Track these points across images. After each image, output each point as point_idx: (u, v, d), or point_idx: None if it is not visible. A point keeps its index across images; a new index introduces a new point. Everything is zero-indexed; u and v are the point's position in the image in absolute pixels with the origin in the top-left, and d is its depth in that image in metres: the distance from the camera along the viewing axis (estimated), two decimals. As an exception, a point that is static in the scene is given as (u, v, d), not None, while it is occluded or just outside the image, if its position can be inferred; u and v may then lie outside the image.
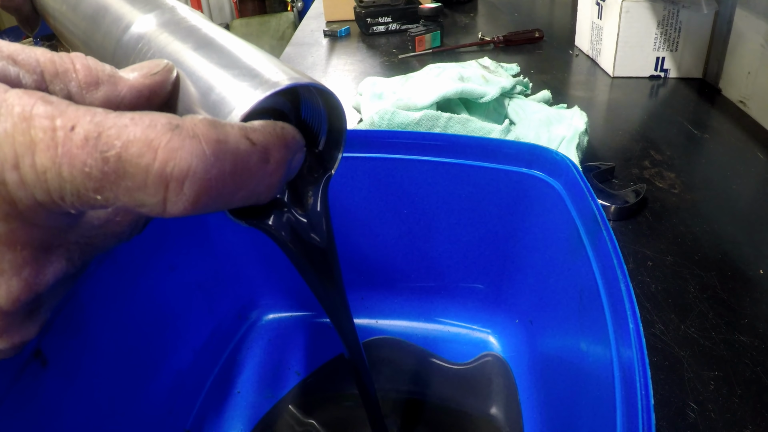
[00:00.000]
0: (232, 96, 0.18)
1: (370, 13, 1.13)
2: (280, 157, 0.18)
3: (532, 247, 0.40)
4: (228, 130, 0.16)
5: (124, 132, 0.15)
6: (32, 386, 0.27)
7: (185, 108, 0.19)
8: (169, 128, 0.15)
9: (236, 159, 0.16)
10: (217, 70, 0.19)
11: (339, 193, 0.42)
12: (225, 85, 0.19)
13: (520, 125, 0.62)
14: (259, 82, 0.19)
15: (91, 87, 0.18)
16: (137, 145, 0.15)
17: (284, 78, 0.19)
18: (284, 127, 0.18)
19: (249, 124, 0.17)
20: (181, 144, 0.15)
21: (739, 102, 0.76)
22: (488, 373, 0.41)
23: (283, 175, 0.18)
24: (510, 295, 0.44)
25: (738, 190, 0.59)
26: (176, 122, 0.15)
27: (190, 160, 0.15)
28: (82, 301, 0.31)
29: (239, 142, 0.16)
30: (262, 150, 0.17)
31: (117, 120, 0.15)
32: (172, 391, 0.40)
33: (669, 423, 0.35)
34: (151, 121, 0.15)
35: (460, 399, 0.40)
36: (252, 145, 0.17)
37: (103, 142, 0.15)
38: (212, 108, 0.19)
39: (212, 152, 0.16)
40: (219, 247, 0.44)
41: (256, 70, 0.19)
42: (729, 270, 0.47)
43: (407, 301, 0.47)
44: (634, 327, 0.23)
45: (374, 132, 0.40)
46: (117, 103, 0.18)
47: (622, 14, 0.83)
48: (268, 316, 0.48)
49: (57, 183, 0.15)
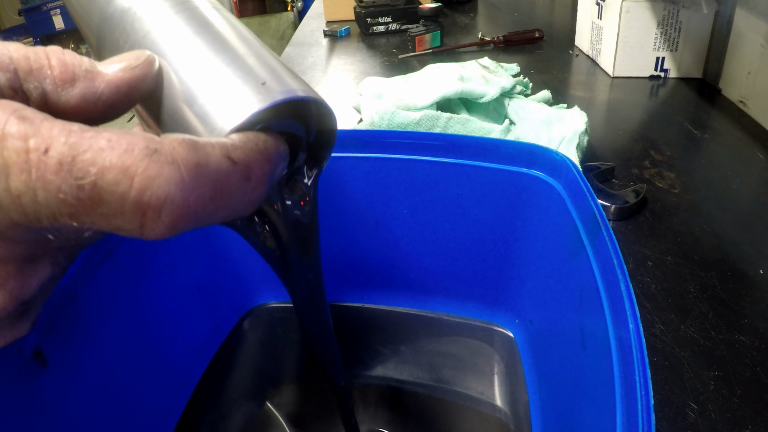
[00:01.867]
0: (220, 108, 0.17)
1: (370, 13, 1.13)
2: (262, 173, 0.17)
3: (531, 247, 0.40)
4: (209, 151, 0.16)
5: (100, 157, 0.14)
6: (32, 386, 0.27)
7: (169, 107, 0.19)
8: (147, 154, 0.14)
9: (216, 181, 0.16)
10: (207, 68, 0.18)
11: (339, 194, 0.42)
12: (213, 92, 0.18)
13: (520, 125, 0.62)
14: (251, 93, 0.18)
15: (67, 84, 0.17)
16: (113, 173, 0.14)
17: (278, 92, 0.18)
18: (267, 140, 0.18)
19: (230, 141, 0.17)
20: (159, 171, 0.14)
21: (739, 102, 0.76)
22: (492, 354, 0.41)
23: (265, 190, 0.18)
24: (510, 295, 0.44)
25: (738, 190, 0.59)
26: (154, 146, 0.15)
27: (168, 189, 0.15)
28: (82, 301, 0.31)
29: (220, 163, 0.16)
30: (244, 168, 0.17)
31: (93, 142, 0.14)
32: (172, 391, 0.40)
33: (669, 423, 0.35)
34: (128, 145, 0.14)
35: (462, 383, 0.40)
36: (233, 164, 0.16)
37: (77, 168, 0.14)
38: (198, 115, 0.18)
39: (191, 178, 0.15)
40: (219, 247, 0.44)
41: (248, 76, 0.18)
42: (729, 270, 0.47)
43: (407, 301, 0.47)
44: (634, 327, 0.23)
45: (374, 132, 0.40)
46: (95, 100, 0.17)
47: (622, 14, 0.83)
48: (269, 316, 0.48)
49: (32, 207, 0.14)
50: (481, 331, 0.44)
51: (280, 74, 0.19)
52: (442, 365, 0.42)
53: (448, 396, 0.40)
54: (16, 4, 3.58)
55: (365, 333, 0.45)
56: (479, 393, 0.40)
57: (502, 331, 0.44)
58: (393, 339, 0.45)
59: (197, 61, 0.19)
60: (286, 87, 0.18)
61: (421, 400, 0.40)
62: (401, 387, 0.41)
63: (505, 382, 0.40)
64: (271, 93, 0.18)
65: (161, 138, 0.15)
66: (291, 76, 0.19)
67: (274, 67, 0.19)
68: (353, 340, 0.45)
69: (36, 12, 3.34)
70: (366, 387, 0.41)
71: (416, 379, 0.41)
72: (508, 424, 0.38)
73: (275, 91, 0.18)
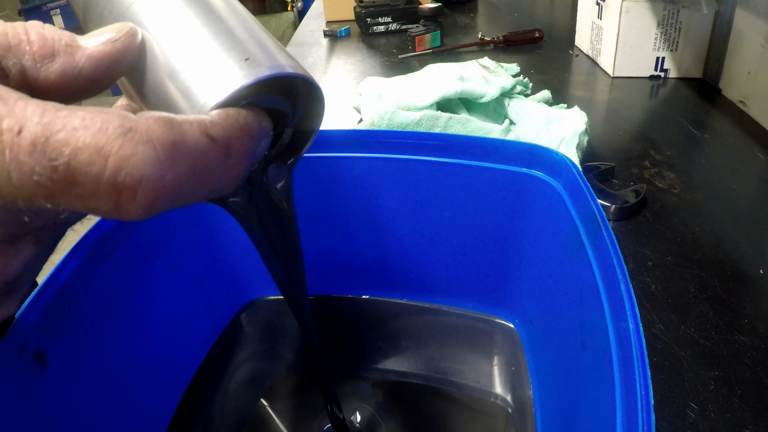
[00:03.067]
0: (202, 83, 0.17)
1: (370, 13, 1.13)
2: (243, 150, 0.17)
3: (532, 247, 0.40)
4: (186, 129, 0.15)
5: (73, 137, 0.14)
6: (32, 386, 0.27)
7: (152, 81, 0.18)
8: (121, 133, 0.14)
9: (194, 159, 0.15)
10: (190, 41, 0.18)
11: (339, 193, 0.42)
12: (196, 67, 0.17)
13: (520, 125, 0.62)
14: (235, 68, 0.17)
15: (46, 59, 0.17)
16: (87, 153, 0.14)
17: (265, 67, 0.17)
18: (248, 116, 0.17)
19: (210, 118, 0.16)
20: (133, 151, 0.14)
21: (739, 102, 0.76)
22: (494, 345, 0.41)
23: (246, 167, 0.18)
24: (510, 296, 0.44)
25: (738, 190, 0.59)
26: (129, 124, 0.14)
27: (143, 168, 0.14)
28: (82, 301, 0.31)
29: (198, 141, 0.16)
30: (224, 145, 0.16)
31: (66, 121, 0.14)
32: (172, 391, 0.40)
33: (669, 423, 0.35)
34: (102, 123, 0.14)
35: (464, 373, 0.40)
36: (212, 141, 0.16)
37: (51, 148, 0.14)
38: (180, 90, 0.17)
39: (167, 157, 0.15)
40: (219, 247, 0.44)
41: (233, 50, 0.18)
42: (729, 270, 0.47)
43: (407, 301, 0.47)
44: (634, 327, 0.23)
45: (374, 132, 0.40)
46: (75, 75, 0.17)
47: (622, 14, 0.83)
48: (266, 310, 0.48)
49: (7, 190, 0.14)
50: (482, 323, 0.45)
51: (267, 48, 0.18)
52: (442, 357, 0.42)
53: (447, 387, 0.40)
54: (16, 4, 3.58)
55: (365, 324, 0.45)
56: (477, 383, 0.40)
57: (502, 323, 0.44)
58: (392, 330, 0.45)
59: (181, 34, 0.18)
60: (273, 62, 0.18)
61: (420, 391, 0.40)
62: (400, 378, 0.41)
63: (505, 374, 0.40)
64: (256, 68, 0.17)
65: (137, 116, 0.15)
66: (279, 51, 0.19)
67: (262, 40, 0.19)
68: (353, 331, 0.45)
69: (36, 12, 3.34)
70: (365, 378, 0.41)
71: (415, 370, 0.41)
72: (511, 420, 0.38)
73: (261, 66, 0.17)
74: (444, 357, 0.43)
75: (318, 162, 0.41)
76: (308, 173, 0.42)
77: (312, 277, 0.47)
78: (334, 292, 0.48)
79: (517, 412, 0.38)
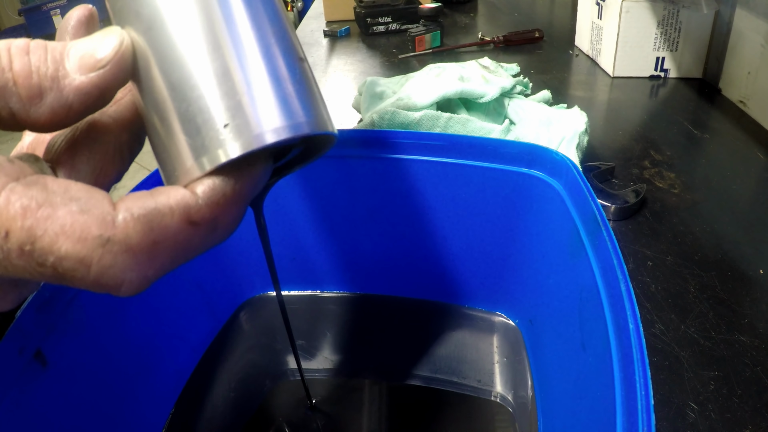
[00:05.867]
0: (192, 146, 0.16)
1: (370, 13, 1.13)
2: (231, 220, 0.17)
3: (532, 246, 0.40)
4: (167, 224, 0.15)
5: (56, 246, 0.14)
6: (32, 386, 0.27)
7: (148, 108, 0.17)
8: (100, 243, 0.15)
9: (176, 250, 0.16)
10: (188, 78, 0.16)
11: (339, 193, 0.42)
12: (188, 122, 0.16)
13: (520, 125, 0.62)
14: (230, 135, 0.16)
15: (35, 100, 0.16)
16: (70, 262, 0.15)
17: (260, 136, 0.16)
18: (240, 181, 0.17)
19: (194, 201, 0.16)
20: (113, 261, 0.15)
21: (739, 102, 0.76)
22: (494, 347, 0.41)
23: (237, 225, 0.18)
24: (510, 295, 0.44)
25: (738, 190, 0.59)
26: (108, 234, 0.15)
27: (123, 276, 0.15)
28: (82, 301, 0.31)
29: (180, 231, 0.16)
30: (208, 226, 0.16)
31: (48, 225, 0.14)
32: (172, 391, 0.40)
33: (669, 423, 0.35)
34: (81, 232, 0.14)
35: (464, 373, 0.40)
36: (196, 227, 0.16)
37: (37, 254, 0.14)
38: (167, 142, 0.16)
39: (147, 258, 0.15)
40: (219, 247, 0.44)
41: (235, 108, 0.16)
42: (729, 270, 0.47)
43: (406, 301, 0.47)
44: (634, 327, 0.23)
45: (374, 132, 0.40)
46: (65, 111, 0.16)
47: (622, 14, 0.83)
48: (268, 314, 0.48)
49: (5, 274, 0.15)
50: (483, 322, 0.45)
51: (286, 97, 0.17)
52: (442, 355, 0.42)
53: (447, 385, 0.40)
54: (16, 4, 3.58)
55: (364, 322, 0.45)
56: (478, 382, 0.40)
57: (504, 322, 0.44)
58: (392, 329, 0.45)
59: (180, 62, 0.16)
60: (275, 125, 0.16)
61: (421, 390, 0.40)
62: (400, 377, 0.41)
63: (506, 373, 0.40)
64: (252, 137, 0.16)
65: (116, 217, 0.15)
66: (299, 96, 0.17)
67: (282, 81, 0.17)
68: (352, 329, 0.45)
69: (36, 12, 3.34)
70: (365, 376, 0.41)
71: (416, 369, 0.41)
72: (512, 420, 0.38)
73: (259, 134, 0.16)
74: (445, 356, 0.43)
75: (318, 162, 0.41)
76: (308, 173, 0.42)
77: (312, 276, 0.48)
78: (334, 291, 0.48)
79: (518, 411, 0.38)
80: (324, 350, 0.44)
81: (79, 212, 0.15)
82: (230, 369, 0.43)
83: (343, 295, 0.48)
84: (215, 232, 0.17)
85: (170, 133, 0.16)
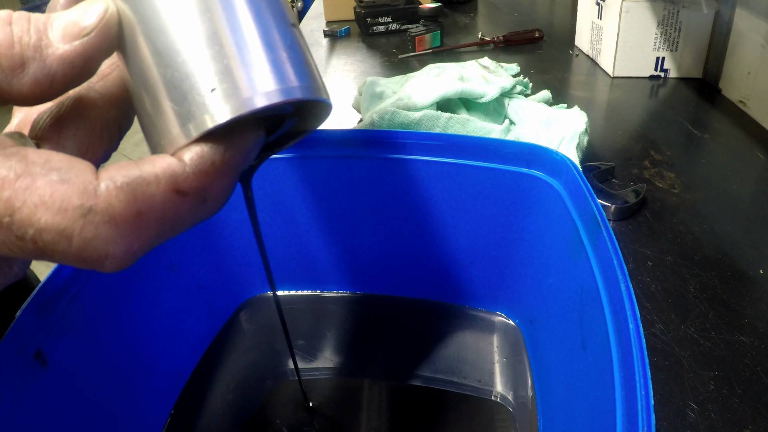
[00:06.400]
0: (181, 110, 0.15)
1: (370, 13, 1.13)
2: (220, 191, 0.16)
3: (532, 246, 0.40)
4: (152, 193, 0.15)
5: (35, 217, 0.14)
6: (32, 386, 0.27)
7: (135, 76, 0.16)
8: (81, 214, 0.14)
9: (163, 221, 0.15)
10: (176, 43, 0.16)
11: (339, 193, 0.42)
12: (176, 85, 0.16)
13: (520, 125, 0.62)
14: (219, 98, 0.15)
15: (17, 71, 0.15)
16: (50, 234, 0.14)
17: (267, 93, 0.15)
18: (230, 147, 0.16)
19: (181, 169, 0.15)
20: (95, 233, 0.14)
21: (739, 102, 0.76)
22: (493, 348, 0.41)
23: (228, 197, 0.17)
24: (510, 295, 0.44)
25: (738, 190, 0.59)
26: (89, 203, 0.14)
27: (106, 248, 0.14)
28: (82, 301, 0.31)
29: (166, 201, 0.15)
30: (197, 195, 0.16)
31: (27, 196, 0.14)
32: (172, 391, 0.40)
33: (669, 423, 0.35)
34: (61, 202, 0.14)
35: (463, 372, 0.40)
36: (184, 196, 0.15)
37: (16, 227, 0.14)
38: (155, 108, 0.16)
39: (131, 230, 0.15)
40: (219, 247, 0.44)
41: (223, 71, 0.15)
42: (729, 270, 0.47)
43: (406, 301, 0.47)
44: (634, 327, 0.23)
45: (374, 132, 0.40)
46: (49, 82, 0.16)
47: (622, 14, 0.83)
48: (268, 314, 0.48)
49: None
50: (483, 322, 0.45)
51: (278, 60, 0.16)
52: (443, 355, 0.42)
53: (448, 385, 0.40)
54: (16, 5, 3.58)
55: (364, 323, 0.45)
56: (478, 382, 0.40)
57: (504, 322, 0.44)
58: (392, 328, 0.45)
59: (165, 27, 0.16)
60: (278, 84, 0.16)
61: (421, 390, 0.40)
62: (400, 377, 0.41)
63: (506, 373, 0.40)
64: (241, 102, 0.15)
65: (98, 186, 0.14)
66: (290, 60, 0.17)
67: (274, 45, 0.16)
68: (352, 329, 0.45)
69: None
70: (365, 376, 0.41)
71: (416, 369, 0.41)
72: (512, 419, 0.38)
73: (248, 98, 0.15)
74: (445, 356, 0.43)
75: (318, 162, 0.41)
76: (308, 173, 0.42)
77: (312, 276, 0.48)
78: (334, 290, 0.48)
79: (518, 411, 0.38)
80: (324, 350, 0.44)
81: (59, 182, 0.14)
82: (230, 369, 0.43)
83: (344, 295, 0.48)
84: (204, 203, 0.16)
85: (156, 102, 0.16)
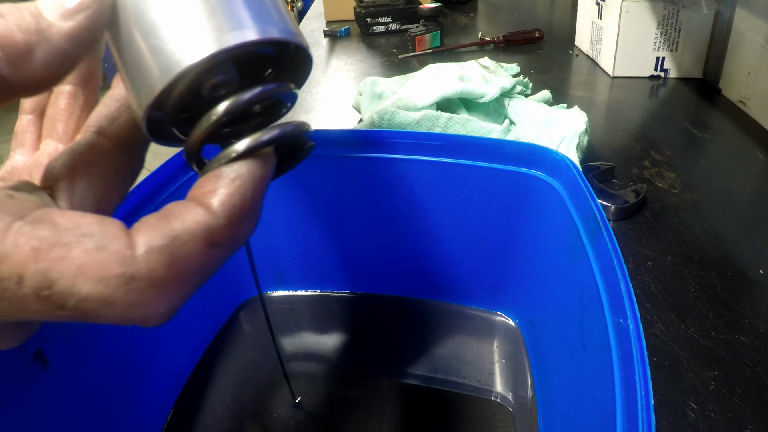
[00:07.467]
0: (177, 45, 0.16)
1: (370, 13, 1.13)
2: (251, 229, 0.16)
3: (532, 247, 0.40)
4: (190, 251, 0.15)
5: (75, 288, 0.13)
6: (32, 386, 0.27)
7: (125, 33, 0.16)
8: (124, 282, 0.14)
9: (201, 272, 0.15)
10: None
11: (339, 193, 0.42)
12: (168, 26, 0.16)
13: (520, 125, 0.62)
14: (209, 31, 0.16)
15: (24, 59, 0.15)
16: (92, 302, 0.14)
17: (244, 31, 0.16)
18: (253, 194, 0.16)
19: (215, 221, 0.15)
20: (139, 299, 0.14)
21: (739, 102, 0.76)
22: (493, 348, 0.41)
23: (252, 232, 0.17)
24: (510, 295, 0.44)
25: (738, 190, 0.59)
26: (131, 271, 0.14)
27: (151, 311, 0.14)
28: (82, 301, 0.31)
29: (203, 255, 0.15)
30: (230, 244, 0.16)
31: (64, 267, 0.13)
32: (172, 391, 0.40)
33: (669, 423, 0.35)
34: (102, 272, 0.14)
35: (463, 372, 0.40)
36: (219, 247, 0.15)
37: (56, 298, 0.13)
38: (152, 49, 0.16)
39: (175, 289, 0.15)
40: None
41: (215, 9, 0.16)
42: (729, 270, 0.47)
43: (407, 301, 0.47)
44: (634, 327, 0.23)
45: (374, 132, 0.40)
46: (59, 62, 0.15)
47: (622, 14, 0.83)
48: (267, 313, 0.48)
49: (19, 317, 0.14)
50: (483, 322, 0.45)
51: (259, 6, 0.17)
52: (443, 355, 0.42)
53: (448, 385, 0.40)
54: (16, 4, 3.58)
55: (364, 322, 0.45)
56: (478, 382, 0.40)
57: (504, 322, 0.44)
58: (392, 328, 0.45)
59: None
60: (258, 24, 0.16)
61: (421, 389, 0.40)
62: (400, 376, 0.41)
63: (506, 373, 0.40)
64: (229, 34, 0.16)
65: (135, 251, 0.14)
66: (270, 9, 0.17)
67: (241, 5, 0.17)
68: (352, 328, 0.45)
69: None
70: (365, 376, 0.41)
71: (416, 369, 0.41)
72: (512, 419, 0.38)
73: (238, 30, 0.16)
74: (445, 355, 0.43)
75: (318, 162, 0.41)
76: (308, 173, 0.42)
77: (312, 276, 0.48)
78: (334, 290, 0.48)
79: (518, 411, 0.38)
80: (324, 350, 0.44)
81: (95, 250, 0.14)
82: (230, 369, 0.43)
83: (344, 295, 0.48)
84: (235, 247, 0.16)
85: (147, 41, 0.16)
